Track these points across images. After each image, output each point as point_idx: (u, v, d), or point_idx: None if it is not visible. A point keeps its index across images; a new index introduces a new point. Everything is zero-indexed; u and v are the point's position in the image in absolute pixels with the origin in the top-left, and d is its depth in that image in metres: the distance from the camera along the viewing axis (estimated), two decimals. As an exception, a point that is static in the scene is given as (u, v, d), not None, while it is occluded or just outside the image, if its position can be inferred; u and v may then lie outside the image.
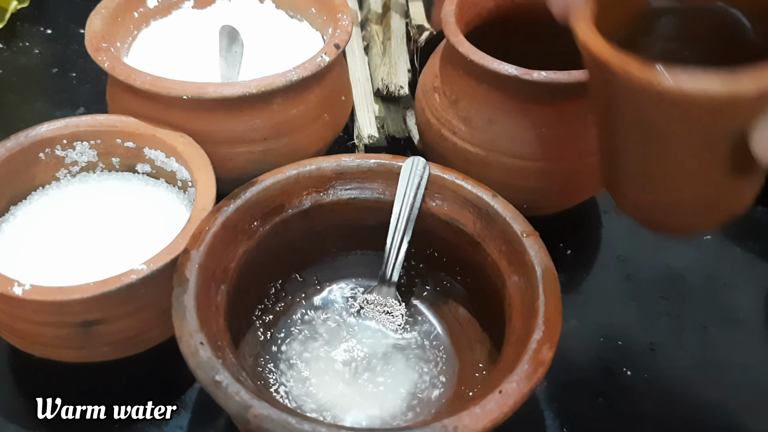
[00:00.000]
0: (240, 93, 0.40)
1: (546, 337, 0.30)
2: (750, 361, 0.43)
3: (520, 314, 0.33)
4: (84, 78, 0.60)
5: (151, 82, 0.41)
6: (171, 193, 0.43)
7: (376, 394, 0.36)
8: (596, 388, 0.41)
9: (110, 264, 0.37)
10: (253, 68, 0.47)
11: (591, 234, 0.50)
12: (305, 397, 0.36)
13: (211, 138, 0.42)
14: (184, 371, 0.29)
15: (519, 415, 0.28)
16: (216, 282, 0.33)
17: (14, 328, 0.36)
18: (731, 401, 0.41)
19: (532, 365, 0.29)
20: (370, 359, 0.38)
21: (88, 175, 0.43)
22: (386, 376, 0.37)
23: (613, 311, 0.45)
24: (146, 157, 0.43)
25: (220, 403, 0.28)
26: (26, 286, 0.33)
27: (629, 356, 0.42)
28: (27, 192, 0.42)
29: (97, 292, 0.33)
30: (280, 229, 0.37)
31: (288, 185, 0.37)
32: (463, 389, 0.36)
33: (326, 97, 0.45)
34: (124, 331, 0.36)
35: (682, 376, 0.42)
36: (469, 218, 0.37)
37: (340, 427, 0.28)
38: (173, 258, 0.34)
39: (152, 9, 0.50)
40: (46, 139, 0.41)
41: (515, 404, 0.28)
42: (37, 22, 0.66)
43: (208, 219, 0.34)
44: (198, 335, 0.29)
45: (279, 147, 0.44)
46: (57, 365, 0.37)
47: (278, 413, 0.27)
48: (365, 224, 0.39)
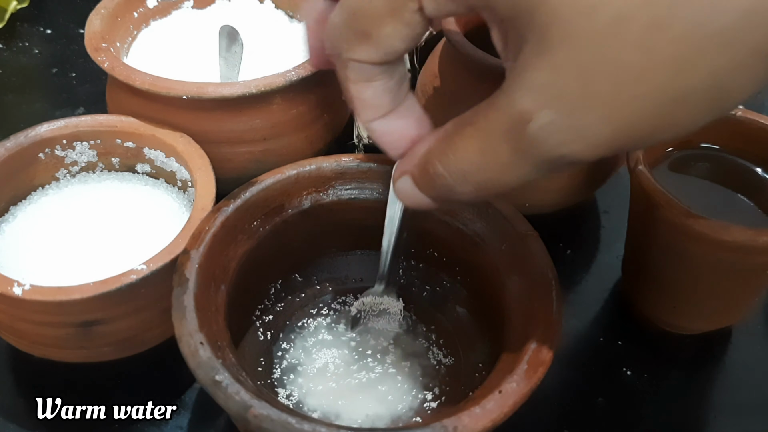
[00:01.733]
0: (240, 93, 0.40)
1: (546, 338, 0.30)
2: (750, 361, 0.43)
3: (520, 314, 0.33)
4: (84, 78, 0.60)
5: (150, 82, 0.41)
6: (171, 193, 0.43)
7: (377, 393, 0.36)
8: (596, 388, 0.41)
9: (110, 264, 0.37)
10: (253, 68, 0.47)
11: (591, 234, 0.50)
12: (305, 396, 0.36)
13: (210, 138, 0.42)
14: (184, 371, 0.29)
15: (519, 416, 0.28)
16: (216, 282, 0.33)
17: (14, 329, 0.36)
18: (731, 401, 0.41)
19: (532, 365, 0.29)
20: (371, 359, 0.38)
21: (88, 176, 0.43)
22: (387, 376, 0.37)
23: (613, 311, 0.45)
24: (146, 157, 0.43)
25: (220, 403, 0.28)
26: (26, 286, 0.33)
27: (629, 356, 0.42)
28: (27, 192, 0.42)
29: (97, 292, 0.33)
30: (280, 229, 0.37)
31: (288, 185, 0.37)
32: (463, 389, 0.36)
33: (326, 97, 0.45)
34: (124, 331, 0.36)
35: (682, 376, 0.42)
36: (469, 218, 0.37)
37: (340, 427, 0.28)
38: (173, 258, 0.34)
39: (152, 9, 0.50)
40: (46, 139, 0.41)
41: (515, 404, 0.28)
42: (36, 22, 0.66)
43: (208, 219, 0.34)
44: (198, 335, 0.29)
45: (279, 147, 0.44)
46: (57, 365, 0.37)
47: (278, 413, 0.27)
48: (365, 224, 0.39)
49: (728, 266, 0.37)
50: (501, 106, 0.23)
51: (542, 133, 0.21)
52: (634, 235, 0.42)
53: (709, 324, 0.42)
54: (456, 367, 0.38)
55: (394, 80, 0.27)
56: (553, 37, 0.20)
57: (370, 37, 0.25)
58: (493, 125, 0.23)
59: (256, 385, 0.31)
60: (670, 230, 0.37)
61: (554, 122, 0.21)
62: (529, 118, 0.21)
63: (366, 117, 0.28)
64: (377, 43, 0.25)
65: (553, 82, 0.21)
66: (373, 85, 0.27)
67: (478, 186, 0.25)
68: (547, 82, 0.21)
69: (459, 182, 0.25)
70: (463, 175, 0.25)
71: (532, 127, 0.22)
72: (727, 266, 0.37)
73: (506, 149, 0.23)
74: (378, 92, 0.27)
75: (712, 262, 0.37)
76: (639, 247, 0.42)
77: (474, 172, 0.24)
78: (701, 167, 0.42)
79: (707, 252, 0.36)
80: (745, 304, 0.41)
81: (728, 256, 0.36)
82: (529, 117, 0.21)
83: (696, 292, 0.39)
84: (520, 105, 0.22)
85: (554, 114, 0.21)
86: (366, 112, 0.28)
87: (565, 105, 0.21)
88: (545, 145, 0.22)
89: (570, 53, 0.20)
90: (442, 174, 0.25)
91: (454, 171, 0.25)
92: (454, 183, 0.25)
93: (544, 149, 0.22)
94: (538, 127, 0.21)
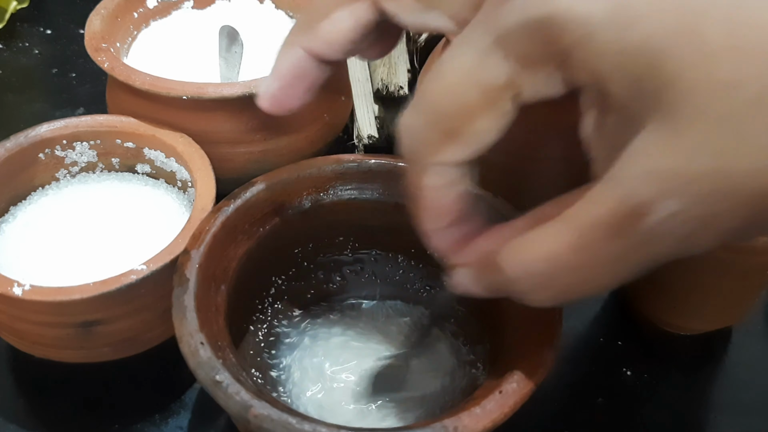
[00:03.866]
0: (240, 93, 0.40)
1: (546, 338, 0.30)
2: (750, 361, 0.43)
3: (520, 314, 0.33)
4: (84, 78, 0.60)
5: (150, 83, 0.41)
6: (171, 193, 0.43)
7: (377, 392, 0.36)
8: (596, 389, 0.41)
9: (110, 264, 0.37)
10: (253, 68, 0.47)
11: (591, 234, 0.50)
12: (305, 396, 0.36)
13: (210, 138, 0.42)
14: (184, 371, 0.29)
15: (519, 415, 0.28)
16: (216, 282, 0.33)
17: (14, 329, 0.36)
18: (731, 401, 0.41)
19: (532, 366, 0.29)
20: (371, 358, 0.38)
21: (88, 176, 0.43)
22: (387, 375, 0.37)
23: (613, 311, 0.45)
24: (146, 158, 0.43)
25: (221, 403, 0.28)
26: (26, 286, 0.33)
27: (629, 356, 0.42)
28: (26, 192, 0.42)
29: (97, 292, 0.33)
30: (281, 229, 0.37)
31: (288, 185, 0.37)
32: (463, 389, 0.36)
33: (326, 97, 0.45)
34: (124, 332, 0.36)
35: (682, 377, 0.42)
36: (469, 218, 0.37)
37: (340, 427, 0.28)
38: (173, 258, 0.34)
39: (152, 9, 0.50)
40: (46, 139, 0.41)
41: (515, 404, 0.28)
42: (36, 23, 0.66)
43: (208, 219, 0.34)
44: (198, 335, 0.29)
45: (279, 147, 0.44)
46: (57, 366, 0.37)
47: (279, 413, 0.27)
48: (365, 224, 0.39)
49: (728, 266, 0.37)
50: (604, 198, 0.20)
51: (663, 228, 0.19)
52: None
53: (709, 324, 0.42)
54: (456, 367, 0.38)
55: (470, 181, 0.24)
56: (684, 118, 0.18)
57: (460, 136, 0.22)
58: (592, 219, 0.20)
59: (256, 385, 0.31)
60: None
61: (681, 213, 0.19)
62: (647, 210, 0.19)
63: (435, 225, 0.25)
64: (468, 141, 0.22)
65: (683, 167, 0.18)
66: (456, 190, 0.24)
67: (561, 290, 0.22)
68: (675, 168, 0.18)
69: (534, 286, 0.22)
70: (541, 277, 0.22)
71: (650, 221, 0.19)
72: (727, 266, 0.37)
73: (610, 247, 0.20)
74: (460, 197, 0.24)
75: (712, 262, 0.37)
76: None
77: (558, 276, 0.21)
78: None
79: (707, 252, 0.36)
80: (745, 304, 0.41)
81: (728, 256, 0.36)
82: (648, 209, 0.19)
83: (696, 292, 0.40)
84: (637, 195, 0.19)
85: (681, 204, 0.19)
86: (436, 220, 0.25)
87: (699, 192, 0.18)
88: (666, 240, 0.19)
89: (706, 135, 0.18)
90: (511, 278, 0.22)
91: (532, 272, 0.22)
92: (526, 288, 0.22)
93: (662, 245, 0.20)
94: (660, 220, 0.19)
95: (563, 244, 0.21)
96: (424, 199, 0.24)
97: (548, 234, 0.21)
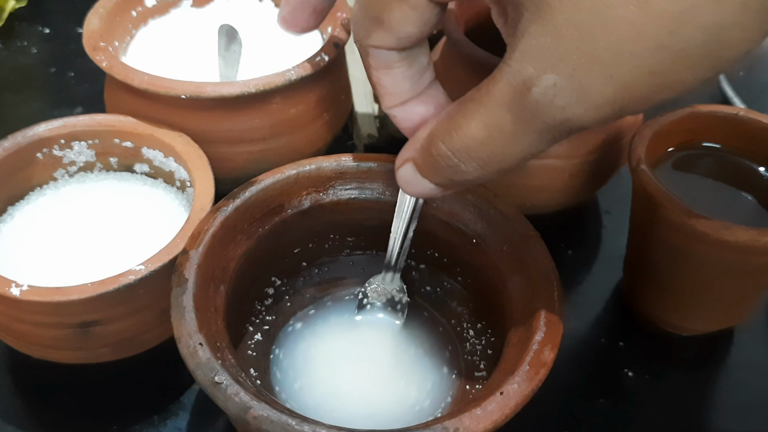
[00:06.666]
0: (239, 92, 0.40)
1: (547, 339, 0.30)
2: (752, 361, 0.43)
3: (521, 315, 0.33)
4: (82, 77, 0.60)
5: (149, 82, 0.40)
6: (169, 193, 0.42)
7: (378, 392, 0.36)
8: (597, 389, 0.41)
9: (108, 264, 0.36)
10: (252, 67, 0.47)
11: (592, 234, 0.50)
12: (306, 397, 0.36)
13: (209, 138, 0.42)
14: (182, 372, 0.29)
15: (520, 416, 0.28)
16: (215, 282, 0.33)
17: (12, 329, 0.36)
18: (733, 402, 0.41)
19: (533, 366, 0.29)
20: (372, 358, 0.38)
21: (86, 175, 0.43)
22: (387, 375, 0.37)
23: (615, 312, 0.45)
24: (144, 157, 0.43)
25: (220, 404, 0.28)
26: (24, 286, 0.33)
27: (631, 357, 0.42)
28: (24, 192, 0.41)
29: (95, 292, 0.33)
30: (280, 229, 0.37)
31: (287, 185, 0.37)
32: (464, 390, 0.36)
33: (325, 96, 0.45)
34: (123, 332, 0.36)
35: (683, 377, 0.42)
36: (469, 219, 0.37)
37: (340, 428, 0.28)
38: (172, 258, 0.34)
39: (150, 8, 0.50)
40: (44, 138, 0.41)
41: (516, 406, 0.28)
42: (34, 22, 0.66)
43: (207, 219, 0.34)
44: (197, 336, 0.29)
45: (278, 147, 0.44)
46: (55, 366, 0.37)
47: (278, 414, 0.27)
48: (365, 224, 0.39)
49: (730, 266, 0.37)
50: (502, 77, 0.23)
51: (545, 98, 0.22)
52: (636, 235, 0.42)
53: (711, 324, 0.42)
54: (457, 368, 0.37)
55: (414, 68, 0.27)
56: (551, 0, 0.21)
57: (383, 23, 0.25)
58: (495, 98, 0.23)
59: (255, 386, 0.31)
60: (672, 230, 0.37)
61: (556, 85, 0.21)
62: (532, 84, 0.22)
63: (387, 103, 0.29)
64: (389, 28, 0.26)
65: (553, 44, 0.21)
66: (392, 72, 0.27)
67: (482, 162, 0.25)
68: (548, 46, 0.21)
69: (463, 160, 0.25)
70: (466, 151, 0.25)
71: (534, 93, 0.22)
72: (729, 266, 0.37)
73: (510, 119, 0.23)
74: (397, 79, 0.28)
75: (714, 263, 0.37)
76: (641, 247, 0.41)
77: (477, 147, 0.24)
78: (703, 167, 0.42)
79: (709, 252, 0.36)
80: (747, 305, 0.41)
81: (730, 256, 0.36)
82: (532, 83, 0.22)
83: (698, 292, 0.39)
84: (523, 72, 0.22)
85: (556, 77, 0.21)
86: (387, 99, 0.28)
87: (566, 67, 0.21)
88: (548, 109, 0.22)
89: (569, 14, 0.21)
90: (445, 154, 0.25)
91: (458, 149, 0.25)
92: (458, 162, 0.25)
93: (547, 114, 0.22)
94: (541, 91, 0.22)
95: (474, 121, 0.24)
96: (371, 78, 0.28)
97: (464, 115, 0.25)
